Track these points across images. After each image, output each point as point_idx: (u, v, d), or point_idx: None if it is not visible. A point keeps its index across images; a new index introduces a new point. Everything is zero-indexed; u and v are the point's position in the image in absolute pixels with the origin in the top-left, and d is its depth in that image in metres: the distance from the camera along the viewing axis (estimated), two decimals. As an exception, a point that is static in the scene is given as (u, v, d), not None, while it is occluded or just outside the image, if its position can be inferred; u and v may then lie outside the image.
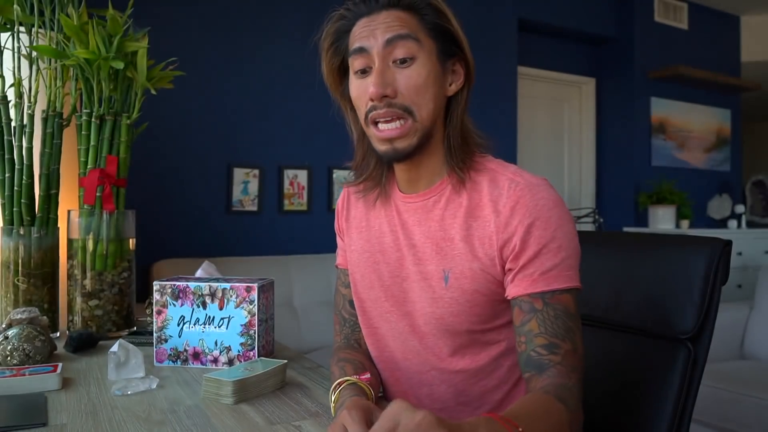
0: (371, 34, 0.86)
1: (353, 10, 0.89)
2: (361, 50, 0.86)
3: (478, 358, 0.91)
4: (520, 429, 0.65)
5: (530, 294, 0.83)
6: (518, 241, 0.83)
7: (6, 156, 1.35)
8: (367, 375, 0.86)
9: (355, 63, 0.88)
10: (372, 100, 0.85)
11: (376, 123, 0.86)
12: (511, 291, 0.85)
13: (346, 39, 0.91)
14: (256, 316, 1.06)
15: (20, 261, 1.32)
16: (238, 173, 2.85)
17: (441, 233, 0.90)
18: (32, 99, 1.36)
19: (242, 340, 1.07)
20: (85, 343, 1.22)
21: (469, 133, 0.92)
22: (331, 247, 3.06)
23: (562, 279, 0.83)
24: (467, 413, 0.95)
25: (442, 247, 0.89)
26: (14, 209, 1.34)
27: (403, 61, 0.85)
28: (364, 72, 0.87)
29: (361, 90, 0.88)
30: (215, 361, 1.08)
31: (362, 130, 0.93)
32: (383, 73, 0.85)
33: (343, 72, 0.95)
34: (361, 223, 1.02)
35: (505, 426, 0.63)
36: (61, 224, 1.41)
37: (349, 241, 1.04)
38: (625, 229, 4.09)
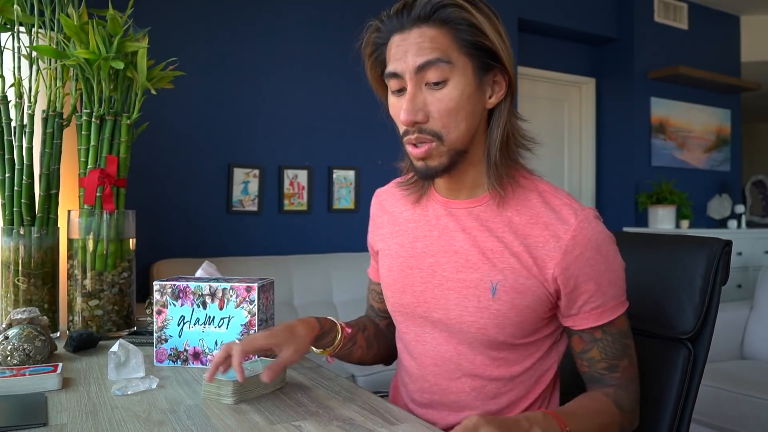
0: (403, 57, 0.85)
1: (386, 23, 0.88)
2: (395, 75, 0.87)
3: (511, 369, 0.92)
4: (568, 428, 0.75)
5: (592, 327, 0.88)
6: (579, 273, 0.85)
7: (6, 156, 1.35)
8: (349, 330, 0.99)
9: (391, 84, 0.89)
10: (404, 125, 0.86)
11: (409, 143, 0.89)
12: (575, 323, 0.89)
13: (384, 50, 0.90)
14: (256, 316, 1.06)
15: (20, 261, 1.32)
16: (238, 173, 2.85)
17: (488, 243, 0.89)
18: (32, 99, 1.36)
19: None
20: (85, 343, 1.22)
21: (512, 144, 0.90)
22: (330, 246, 3.07)
23: (618, 308, 0.88)
24: None
25: (490, 258, 0.88)
26: (14, 209, 1.34)
27: (436, 83, 0.84)
28: (399, 91, 0.88)
29: (395, 110, 0.90)
30: (215, 361, 1.08)
31: None
32: (414, 98, 0.85)
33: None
34: (394, 227, 1.02)
35: (558, 424, 0.74)
36: (61, 224, 1.41)
37: (383, 245, 1.04)
38: (625, 229, 4.09)
